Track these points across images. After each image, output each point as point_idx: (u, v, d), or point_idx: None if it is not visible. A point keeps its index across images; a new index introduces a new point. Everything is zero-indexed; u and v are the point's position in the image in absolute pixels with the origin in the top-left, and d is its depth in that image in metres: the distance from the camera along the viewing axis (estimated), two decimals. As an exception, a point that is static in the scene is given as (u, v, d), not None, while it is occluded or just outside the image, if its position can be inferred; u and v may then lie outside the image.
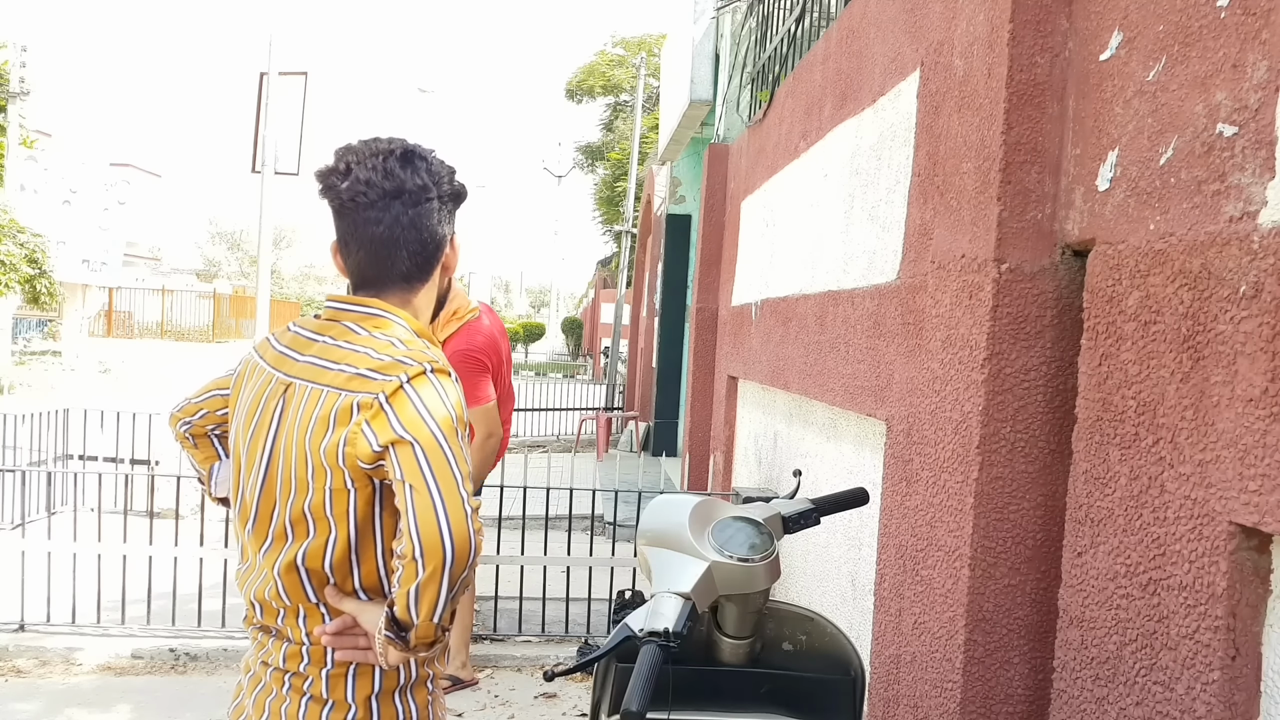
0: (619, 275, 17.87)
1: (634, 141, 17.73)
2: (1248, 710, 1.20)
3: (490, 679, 4.07)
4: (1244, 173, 1.22)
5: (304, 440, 1.32)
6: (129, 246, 25.02)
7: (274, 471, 1.35)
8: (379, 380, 1.29)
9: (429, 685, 1.42)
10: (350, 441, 1.28)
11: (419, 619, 1.23)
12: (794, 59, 4.44)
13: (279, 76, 12.36)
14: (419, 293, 1.45)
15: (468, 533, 1.22)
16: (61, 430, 6.40)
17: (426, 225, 1.42)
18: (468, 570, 1.24)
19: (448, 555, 1.21)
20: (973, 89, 1.85)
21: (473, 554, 1.23)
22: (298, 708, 1.35)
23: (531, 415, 13.66)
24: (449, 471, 1.25)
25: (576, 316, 43.34)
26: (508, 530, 4.59)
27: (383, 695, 1.36)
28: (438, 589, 1.22)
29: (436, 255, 1.46)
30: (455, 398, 1.32)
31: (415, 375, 1.30)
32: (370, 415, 1.27)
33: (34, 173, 17.70)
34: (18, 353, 19.37)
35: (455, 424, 1.29)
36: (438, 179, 1.43)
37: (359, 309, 1.41)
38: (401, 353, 1.33)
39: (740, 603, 1.45)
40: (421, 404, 1.28)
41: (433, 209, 1.42)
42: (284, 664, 1.37)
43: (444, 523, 1.21)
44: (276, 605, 1.36)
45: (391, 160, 1.40)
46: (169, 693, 3.79)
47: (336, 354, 1.35)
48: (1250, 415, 1.17)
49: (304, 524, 1.33)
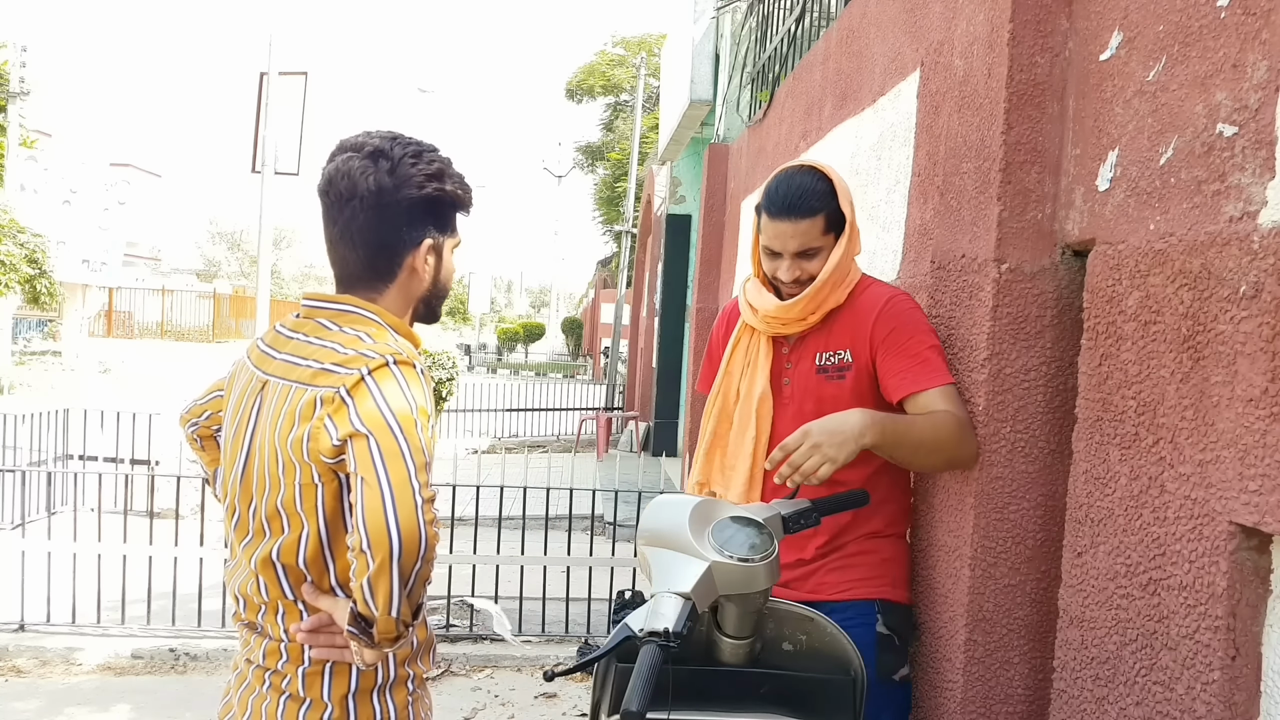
0: (619, 275, 17.88)
1: (634, 141, 17.74)
2: (1248, 710, 1.20)
3: (490, 679, 4.07)
4: (1244, 173, 1.22)
5: (274, 436, 1.33)
6: (129, 246, 24.99)
7: (250, 468, 1.37)
8: (341, 374, 1.30)
9: (409, 685, 1.41)
10: (313, 436, 1.29)
11: (378, 613, 1.22)
12: (794, 59, 4.44)
13: (279, 76, 12.35)
14: (385, 293, 1.43)
15: (416, 525, 1.21)
16: (61, 430, 6.40)
17: (376, 229, 1.39)
18: (420, 563, 1.22)
19: (394, 546, 1.20)
20: (973, 89, 1.85)
21: (423, 546, 1.22)
22: (277, 705, 1.35)
23: (531, 415, 13.66)
24: (402, 464, 1.24)
25: (576, 316, 43.33)
26: (508, 530, 4.59)
27: (359, 694, 1.35)
28: (389, 581, 1.20)
29: (393, 260, 1.42)
30: (418, 388, 1.31)
31: (377, 367, 1.30)
32: (332, 409, 1.28)
33: (34, 173, 17.67)
34: (18, 353, 19.36)
35: (415, 415, 1.28)
36: (403, 181, 1.38)
37: (332, 306, 1.42)
38: (366, 346, 1.33)
39: (740, 603, 1.45)
40: (381, 396, 1.27)
41: (389, 214, 1.39)
42: (264, 661, 1.38)
43: (391, 514, 1.20)
44: (257, 601, 1.37)
45: (355, 160, 1.38)
46: (169, 693, 3.79)
47: (306, 350, 1.37)
48: (1250, 415, 1.17)
49: (278, 519, 1.34)
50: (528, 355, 36.66)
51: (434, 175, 1.42)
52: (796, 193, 1.80)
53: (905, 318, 1.81)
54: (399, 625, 1.25)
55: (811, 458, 1.60)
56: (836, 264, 1.81)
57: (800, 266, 1.82)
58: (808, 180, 1.81)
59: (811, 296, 1.82)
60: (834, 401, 1.81)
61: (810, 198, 1.79)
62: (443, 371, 10.73)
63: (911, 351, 1.77)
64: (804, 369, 1.89)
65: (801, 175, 1.83)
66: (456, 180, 1.47)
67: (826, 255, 1.82)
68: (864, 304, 1.85)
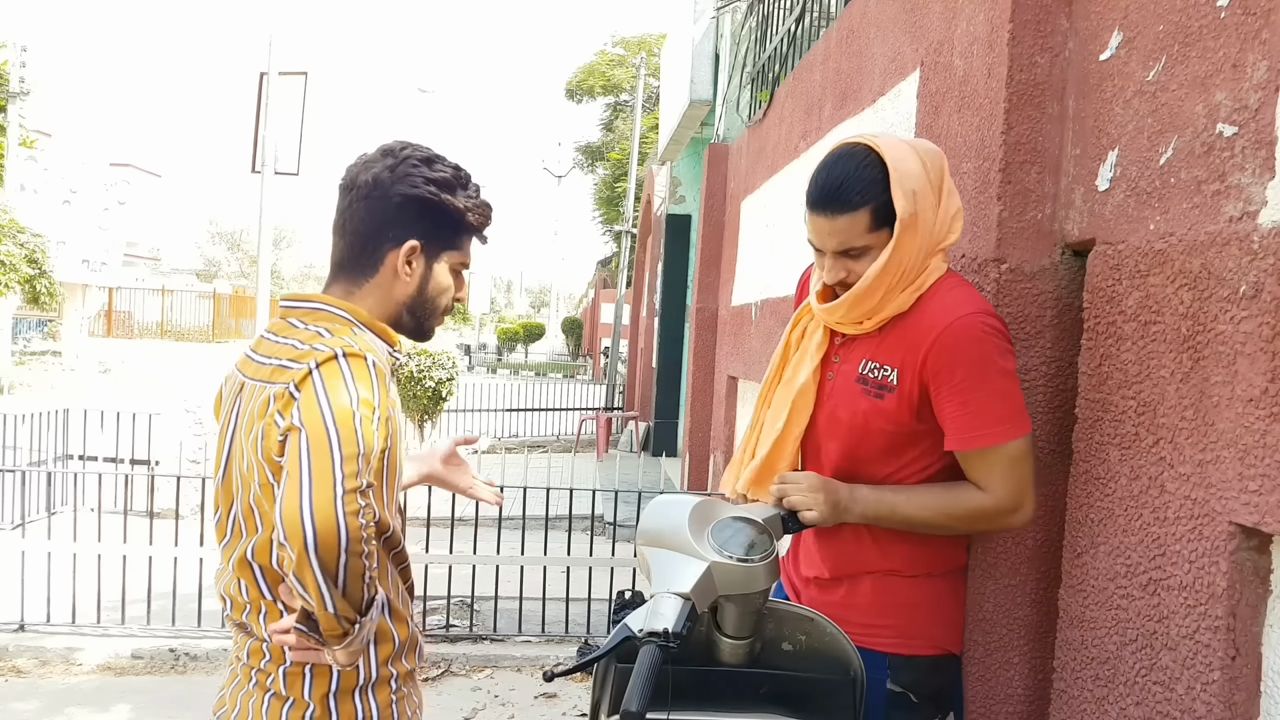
0: (619, 275, 17.88)
1: (634, 141, 17.74)
2: (1248, 710, 1.20)
3: (490, 679, 4.07)
4: (1244, 173, 1.22)
5: (243, 436, 1.35)
6: (129, 246, 25.00)
7: (230, 470, 1.39)
8: (293, 369, 1.31)
9: (393, 684, 1.40)
10: (265, 434, 1.30)
11: (314, 608, 1.22)
12: (794, 59, 4.44)
13: (279, 76, 12.36)
14: (363, 288, 1.44)
15: (334, 516, 1.19)
16: (61, 430, 6.40)
17: (364, 219, 1.43)
18: (343, 555, 1.20)
19: (309, 538, 1.18)
20: (973, 89, 1.85)
21: (342, 538, 1.20)
22: (262, 703, 1.36)
23: (531, 415, 13.66)
24: (327, 456, 1.22)
25: (576, 316, 43.33)
26: (508, 530, 4.59)
27: (341, 694, 1.35)
28: (313, 575, 1.19)
29: (374, 253, 1.44)
30: (364, 380, 1.30)
31: (324, 361, 1.29)
32: (281, 405, 1.29)
33: (34, 173, 17.68)
34: (18, 353, 19.36)
35: (355, 407, 1.26)
36: (400, 178, 1.41)
37: (304, 305, 1.43)
38: (321, 341, 1.34)
39: (740, 603, 1.45)
40: (323, 390, 1.27)
41: (379, 206, 1.42)
42: (249, 659, 1.39)
43: (306, 505, 1.19)
44: (241, 601, 1.38)
45: (371, 155, 1.44)
46: (169, 693, 3.79)
47: (272, 349, 1.38)
48: (1250, 415, 1.16)
49: (251, 519, 1.34)
50: (528, 355, 36.64)
51: (436, 181, 1.43)
52: (836, 181, 1.52)
53: (964, 352, 1.49)
54: (341, 622, 1.23)
55: (804, 498, 1.54)
56: (883, 267, 1.51)
57: (844, 266, 1.56)
58: (851, 167, 1.52)
59: (853, 303, 1.56)
60: (867, 417, 1.60)
61: (852, 188, 1.50)
62: (443, 371, 10.72)
63: (964, 396, 1.50)
64: (847, 371, 1.65)
65: (848, 160, 1.53)
66: (467, 197, 1.46)
67: (876, 255, 1.53)
68: (926, 320, 1.54)
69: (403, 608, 1.44)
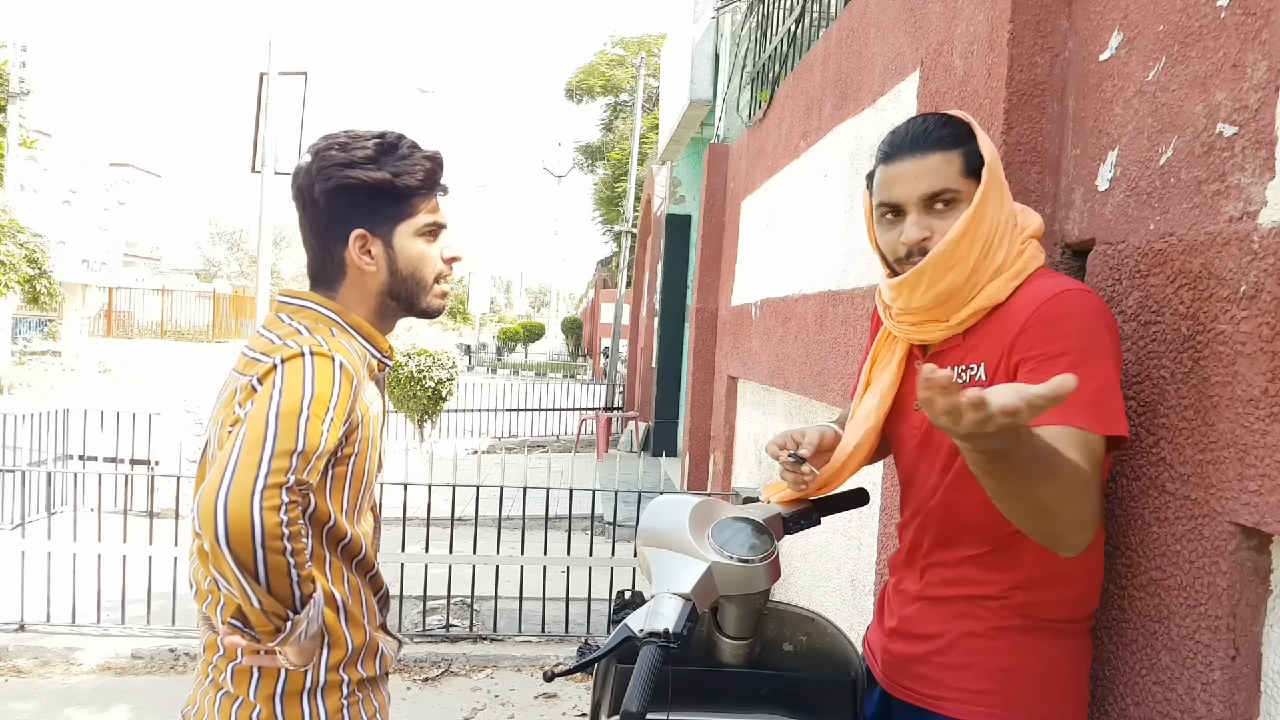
0: (619, 275, 17.88)
1: (634, 141, 17.74)
2: (1248, 710, 1.20)
3: (490, 679, 4.07)
4: (1244, 173, 1.22)
5: (217, 425, 1.37)
6: (129, 246, 25.01)
7: (204, 457, 1.41)
8: (263, 363, 1.32)
9: (344, 689, 1.39)
10: (225, 422, 1.32)
11: (240, 601, 1.21)
12: (794, 59, 4.44)
13: (279, 76, 12.35)
14: (340, 291, 1.45)
15: (248, 508, 1.17)
16: (61, 430, 6.40)
17: (309, 230, 1.45)
18: (259, 550, 1.18)
19: (219, 528, 1.17)
20: (973, 89, 1.85)
21: (257, 532, 1.17)
22: (214, 699, 1.36)
23: (531, 415, 13.66)
24: (258, 449, 1.21)
25: (576, 316, 43.34)
26: (508, 530, 4.59)
27: (287, 696, 1.34)
28: (229, 567, 1.18)
29: (328, 257, 1.44)
30: (325, 379, 1.29)
31: (291, 356, 1.30)
32: (244, 396, 1.30)
33: (34, 173, 17.69)
34: (18, 353, 19.36)
35: (305, 404, 1.25)
36: (317, 177, 1.40)
37: (295, 302, 1.44)
38: (297, 338, 1.34)
39: (740, 603, 1.45)
40: (280, 384, 1.27)
41: (312, 213, 1.44)
42: (205, 653, 1.39)
43: (223, 495, 1.18)
44: (203, 590, 1.38)
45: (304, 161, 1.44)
46: (169, 693, 3.79)
47: (257, 341, 1.40)
48: (1250, 415, 1.16)
49: None
50: (527, 355, 36.64)
51: (354, 163, 1.38)
52: (923, 127, 1.38)
53: (1064, 324, 1.26)
54: (269, 618, 1.22)
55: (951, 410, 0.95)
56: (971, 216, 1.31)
57: (928, 224, 1.34)
58: (934, 119, 1.40)
59: (937, 263, 1.32)
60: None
61: (943, 130, 1.36)
62: (442, 371, 10.74)
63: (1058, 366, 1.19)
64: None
65: (929, 115, 1.43)
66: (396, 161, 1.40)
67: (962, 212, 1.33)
68: (1017, 304, 1.32)
69: (362, 614, 1.43)
